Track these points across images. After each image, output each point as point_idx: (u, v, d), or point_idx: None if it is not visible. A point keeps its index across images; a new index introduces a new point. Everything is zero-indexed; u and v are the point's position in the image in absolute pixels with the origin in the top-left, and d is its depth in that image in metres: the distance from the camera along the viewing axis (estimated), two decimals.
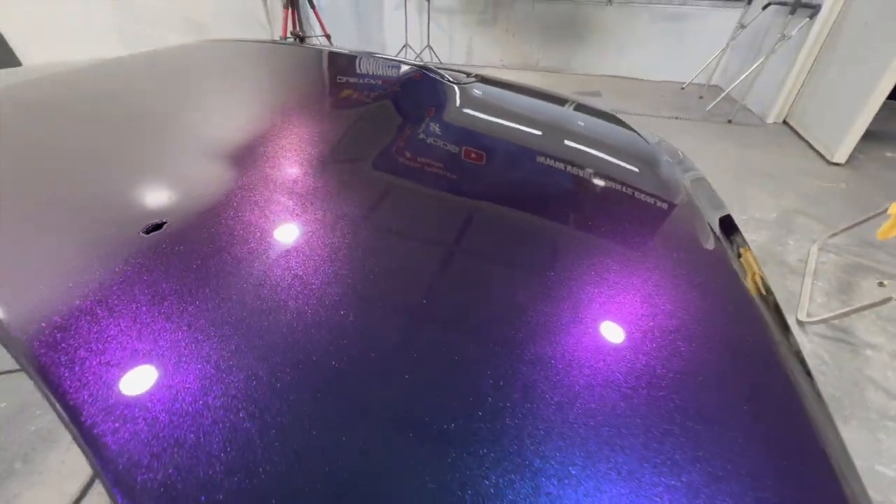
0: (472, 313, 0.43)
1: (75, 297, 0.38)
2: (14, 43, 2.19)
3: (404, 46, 5.21)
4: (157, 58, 0.91)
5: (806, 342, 1.55)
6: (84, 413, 0.32)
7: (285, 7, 2.33)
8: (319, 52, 0.91)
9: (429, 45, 5.10)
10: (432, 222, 0.51)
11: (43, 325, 0.37)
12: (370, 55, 0.91)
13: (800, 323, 1.62)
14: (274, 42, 0.89)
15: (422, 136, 0.66)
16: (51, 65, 2.36)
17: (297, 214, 0.48)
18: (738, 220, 2.16)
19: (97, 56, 2.59)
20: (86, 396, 0.33)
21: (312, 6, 2.34)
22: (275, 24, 3.85)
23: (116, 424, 0.32)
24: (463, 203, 0.55)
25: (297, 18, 2.30)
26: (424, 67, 0.87)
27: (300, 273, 0.41)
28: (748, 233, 2.16)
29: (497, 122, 0.75)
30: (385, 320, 0.41)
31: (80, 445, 0.32)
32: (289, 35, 2.23)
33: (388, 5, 5.56)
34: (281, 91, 0.75)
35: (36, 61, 2.32)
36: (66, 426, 0.33)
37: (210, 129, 0.61)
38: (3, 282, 0.41)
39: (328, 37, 2.42)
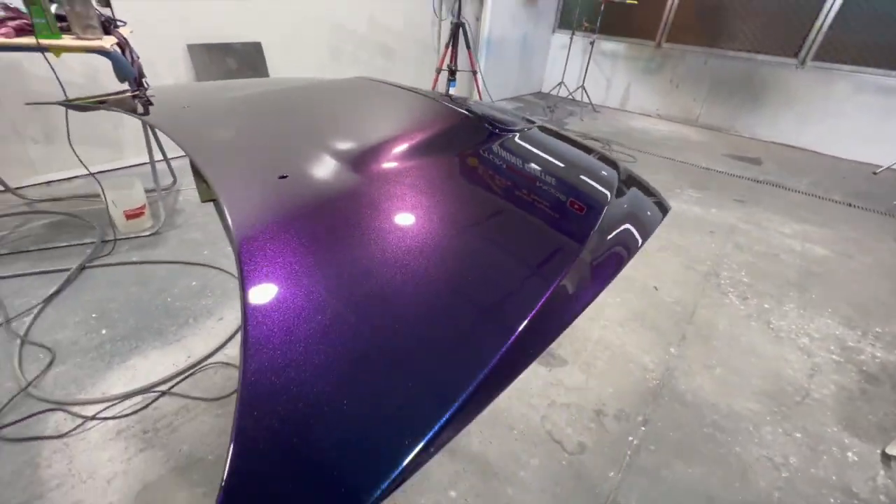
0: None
1: (258, 210, 0.70)
2: (267, 54, 3.11)
3: (559, 84, 5.47)
4: (327, 83, 1.35)
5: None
6: (250, 293, 0.59)
7: (446, 46, 2.83)
8: (432, 102, 1.23)
9: (582, 86, 5.27)
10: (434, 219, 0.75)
11: (244, 228, 0.66)
12: (476, 112, 1.18)
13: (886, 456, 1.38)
14: (405, 88, 1.25)
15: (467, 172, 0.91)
16: (283, 73, 3.26)
17: (367, 190, 0.77)
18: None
19: (313, 65, 3.46)
20: (255, 280, 0.58)
21: (468, 47, 2.78)
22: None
23: (266, 309, 0.52)
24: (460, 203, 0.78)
25: (455, 55, 2.77)
26: (489, 121, 1.11)
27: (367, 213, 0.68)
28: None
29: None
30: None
31: (242, 314, 0.49)
32: (444, 67, 2.72)
33: (555, 44, 5.90)
34: (387, 122, 1.09)
35: (278, 70, 3.23)
36: (242, 299, 0.50)
37: (329, 133, 0.96)
38: (230, 200, 0.75)
39: (475, 72, 2.85)
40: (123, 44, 1.85)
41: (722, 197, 3.26)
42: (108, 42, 1.72)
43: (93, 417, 1.27)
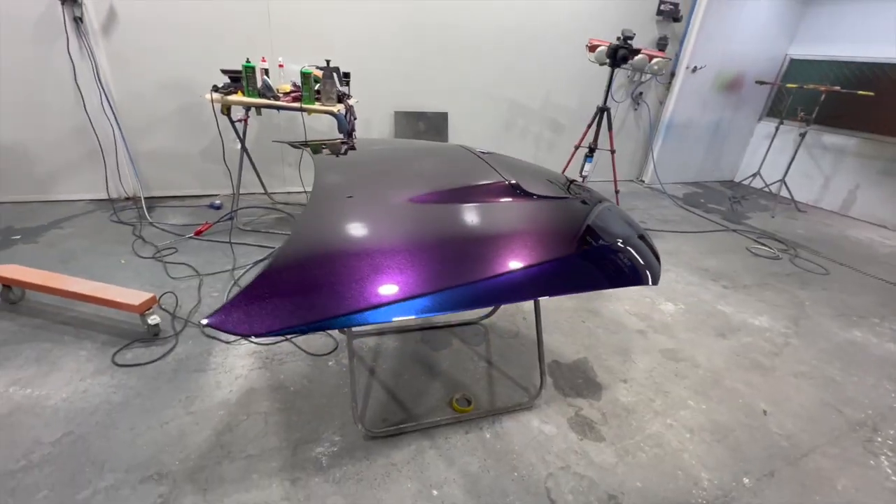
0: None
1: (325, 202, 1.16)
2: (450, 122, 3.90)
3: (754, 175, 4.88)
4: (432, 146, 1.81)
5: None
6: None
7: (588, 126, 3.04)
8: (485, 165, 1.54)
9: (782, 181, 4.57)
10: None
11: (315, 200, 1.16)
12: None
13: None
14: (480, 153, 1.62)
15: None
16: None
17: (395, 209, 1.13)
18: None
19: (487, 133, 4.12)
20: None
21: (609, 128, 2.91)
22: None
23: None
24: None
25: (597, 134, 2.94)
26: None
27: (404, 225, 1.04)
28: None
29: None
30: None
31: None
32: (583, 145, 2.91)
33: (760, 133, 5.32)
34: (441, 171, 1.44)
35: (457, 134, 4.00)
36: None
37: (398, 175, 1.36)
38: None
39: (613, 151, 2.93)
40: (347, 109, 2.74)
41: None
42: (337, 108, 2.59)
43: (246, 337, 1.92)
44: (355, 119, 2.91)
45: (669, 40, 4.51)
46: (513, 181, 1.29)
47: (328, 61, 2.56)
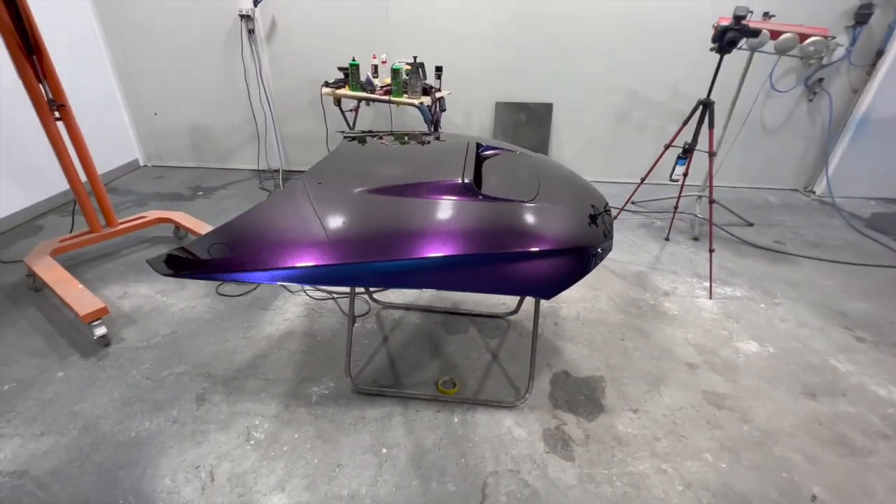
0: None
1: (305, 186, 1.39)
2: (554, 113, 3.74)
3: None
4: (446, 136, 1.86)
5: None
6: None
7: (683, 123, 2.52)
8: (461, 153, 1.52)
9: None
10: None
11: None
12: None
13: None
14: (491, 149, 1.63)
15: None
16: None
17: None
18: None
19: (594, 126, 3.82)
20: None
21: (710, 126, 2.33)
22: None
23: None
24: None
25: (697, 133, 2.43)
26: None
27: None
28: None
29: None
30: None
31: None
32: (678, 143, 2.44)
33: None
34: (422, 174, 1.49)
35: (559, 126, 3.81)
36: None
37: (383, 172, 1.48)
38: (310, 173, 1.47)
39: (712, 154, 2.33)
40: (434, 101, 2.95)
41: None
42: (420, 101, 2.83)
43: (304, 291, 2.36)
44: (443, 111, 3.10)
45: (877, 7, 3.40)
46: (466, 180, 1.30)
47: (415, 58, 2.80)
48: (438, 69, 3.04)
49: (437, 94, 3.00)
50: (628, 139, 3.91)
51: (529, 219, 1.23)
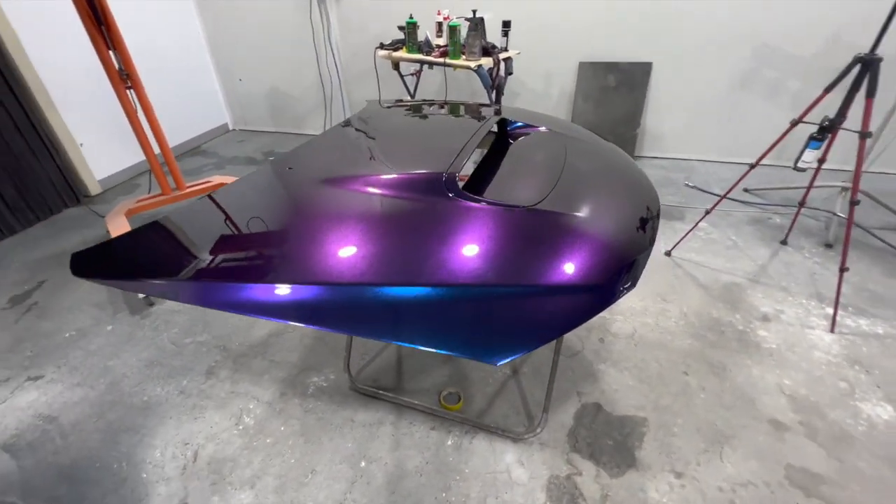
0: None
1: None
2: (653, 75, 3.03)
3: None
4: (459, 105, 1.53)
5: None
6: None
7: (825, 90, 1.67)
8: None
9: None
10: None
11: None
12: None
13: None
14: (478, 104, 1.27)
15: None
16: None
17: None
18: None
19: (708, 89, 3.05)
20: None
21: (869, 95, 1.50)
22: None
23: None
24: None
25: (846, 105, 1.63)
26: None
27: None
28: None
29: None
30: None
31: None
32: (812, 119, 1.65)
33: None
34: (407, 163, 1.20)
35: (658, 90, 3.09)
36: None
37: (364, 158, 1.22)
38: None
39: (865, 135, 1.49)
40: (496, 63, 2.57)
41: None
42: (477, 63, 2.47)
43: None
44: (510, 74, 2.71)
45: None
46: (445, 176, 1.00)
47: (474, 11, 2.42)
48: (506, 24, 2.62)
49: (502, 55, 2.60)
50: (753, 107, 3.07)
51: (505, 233, 0.88)
